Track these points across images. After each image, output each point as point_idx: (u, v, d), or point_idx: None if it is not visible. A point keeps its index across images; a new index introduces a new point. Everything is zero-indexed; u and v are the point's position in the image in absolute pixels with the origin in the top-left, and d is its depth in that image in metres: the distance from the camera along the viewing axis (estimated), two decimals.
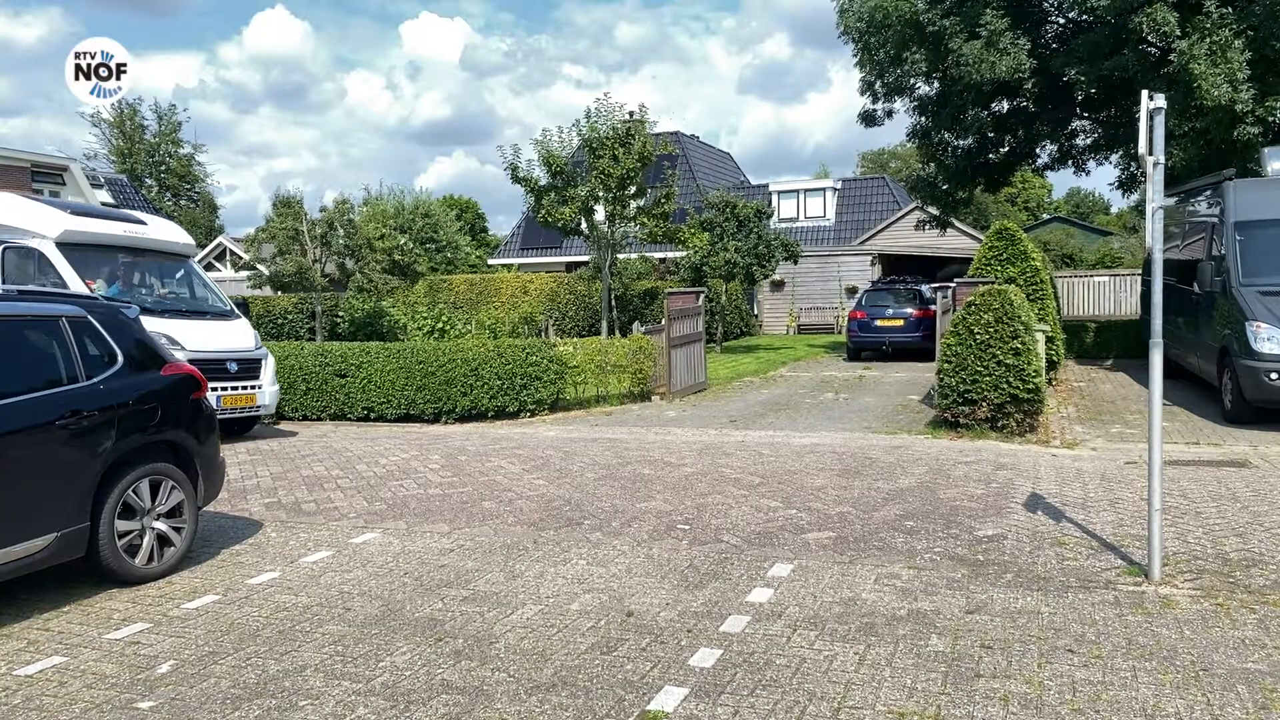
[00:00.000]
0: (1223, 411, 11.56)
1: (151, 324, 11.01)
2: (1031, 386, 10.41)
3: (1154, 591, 5.32)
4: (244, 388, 11.59)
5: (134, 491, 5.86)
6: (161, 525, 6.03)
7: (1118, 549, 6.16)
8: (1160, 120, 5.36)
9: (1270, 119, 16.01)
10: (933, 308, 19.42)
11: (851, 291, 31.03)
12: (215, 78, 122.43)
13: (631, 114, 23.73)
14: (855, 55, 20.94)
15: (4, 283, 10.89)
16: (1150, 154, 5.40)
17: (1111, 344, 20.31)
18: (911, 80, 20.60)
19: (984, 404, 10.55)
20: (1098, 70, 17.02)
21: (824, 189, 38.09)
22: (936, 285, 20.89)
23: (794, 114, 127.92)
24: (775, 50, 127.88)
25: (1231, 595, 5.23)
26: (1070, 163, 22.79)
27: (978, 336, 10.50)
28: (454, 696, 4.11)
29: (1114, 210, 65.41)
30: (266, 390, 11.91)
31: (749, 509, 7.47)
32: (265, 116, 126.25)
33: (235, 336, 11.98)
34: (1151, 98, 5.39)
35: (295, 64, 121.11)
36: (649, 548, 6.43)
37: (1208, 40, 15.12)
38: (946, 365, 10.82)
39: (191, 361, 10.88)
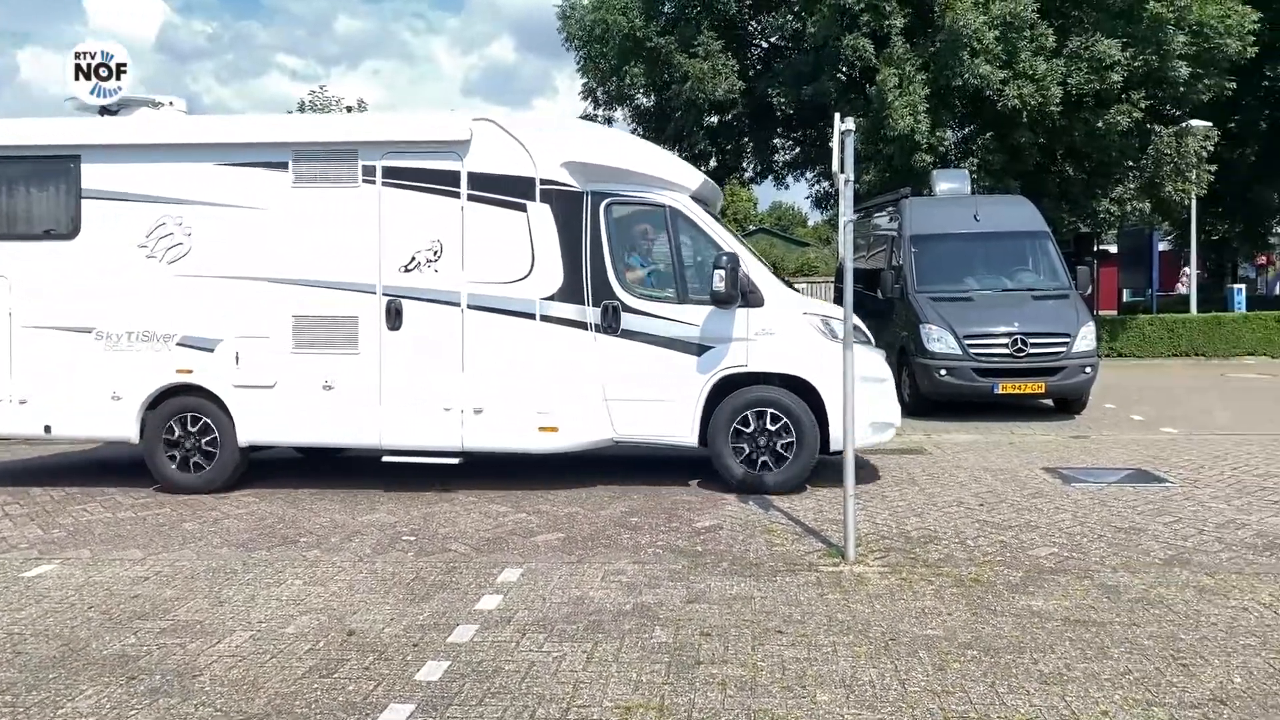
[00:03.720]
0: (903, 405, 12.90)
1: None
2: None
3: (849, 571, 5.82)
4: None
5: None
6: None
7: (818, 533, 6.69)
8: (850, 141, 5.87)
9: (940, 147, 18.15)
10: None
11: None
12: None
13: (350, 109, 22.79)
14: (578, 63, 21.38)
15: (609, 254, 7.95)
16: (842, 172, 5.90)
17: None
18: (631, 92, 21.38)
19: None
20: (798, 94, 18.49)
21: None
22: None
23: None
24: (501, 54, 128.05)
25: (913, 570, 5.84)
26: (772, 177, 24.58)
27: None
28: None
29: (810, 223, 71.29)
30: None
31: (478, 515, 7.37)
32: None
33: None
34: (843, 120, 5.90)
35: None
36: (372, 562, 6.17)
37: (896, 72, 16.89)
38: None
39: None
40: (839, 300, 8.06)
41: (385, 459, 8.11)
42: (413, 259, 7.88)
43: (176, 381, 8.11)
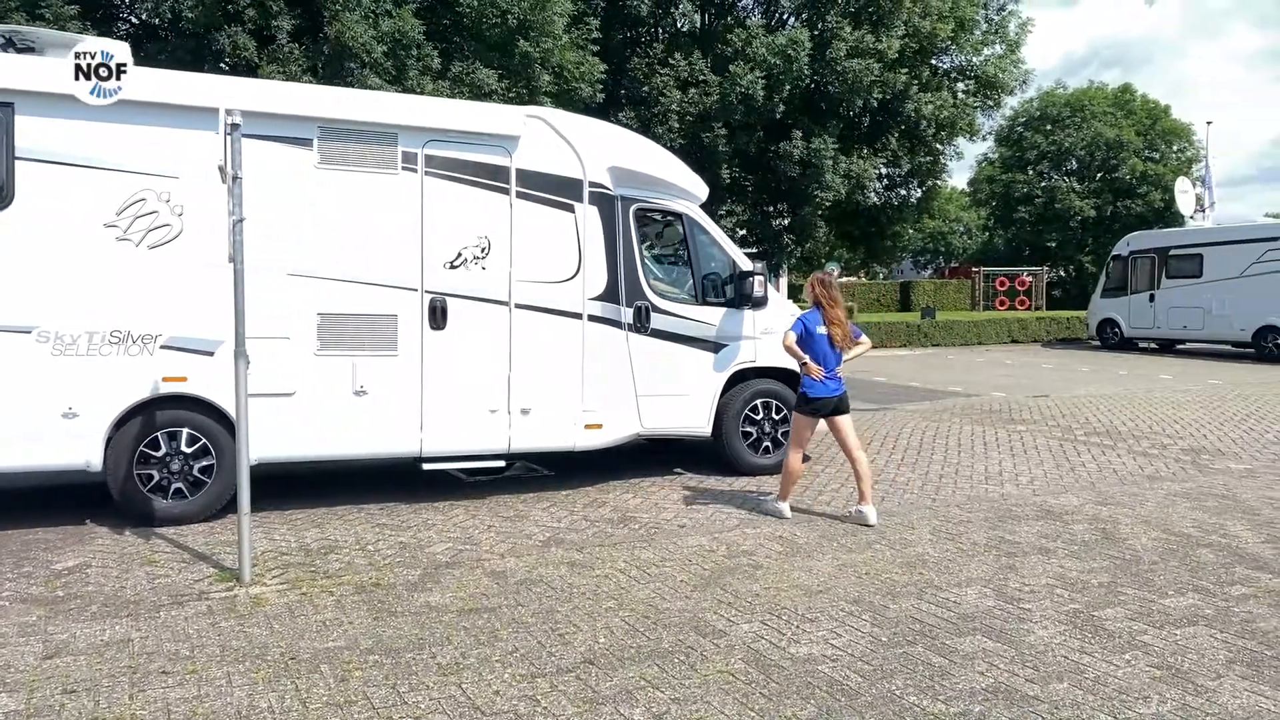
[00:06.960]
0: None
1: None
2: None
3: (245, 594, 5.47)
4: None
5: None
6: None
7: (210, 558, 6.18)
8: (239, 137, 5.52)
9: None
10: None
11: None
12: None
13: None
14: None
15: (639, 257, 8.33)
16: (230, 169, 5.52)
17: None
18: None
19: None
20: None
21: None
22: None
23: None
24: None
25: (314, 583, 5.69)
26: None
27: None
28: None
29: None
30: None
31: None
32: None
33: None
34: (230, 114, 5.51)
35: None
36: None
37: (281, 71, 16.41)
38: None
39: None
40: None
41: (426, 467, 7.64)
42: (459, 255, 7.58)
43: (163, 392, 6.80)
